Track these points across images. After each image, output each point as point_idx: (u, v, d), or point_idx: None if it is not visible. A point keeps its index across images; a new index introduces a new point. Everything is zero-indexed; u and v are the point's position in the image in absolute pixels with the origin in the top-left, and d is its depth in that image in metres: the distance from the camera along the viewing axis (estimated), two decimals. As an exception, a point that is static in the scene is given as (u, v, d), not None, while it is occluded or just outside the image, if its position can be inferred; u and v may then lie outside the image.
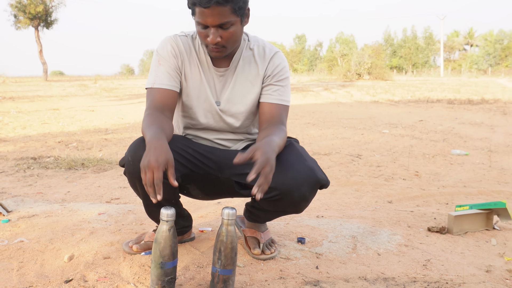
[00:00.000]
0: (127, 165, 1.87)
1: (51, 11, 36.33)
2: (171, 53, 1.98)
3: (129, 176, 1.90)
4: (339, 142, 6.90)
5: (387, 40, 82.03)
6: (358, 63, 35.00)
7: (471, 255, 2.32)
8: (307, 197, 1.87)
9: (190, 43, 2.02)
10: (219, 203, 3.25)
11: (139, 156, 1.81)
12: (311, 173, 1.85)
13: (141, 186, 1.91)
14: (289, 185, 1.83)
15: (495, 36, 72.75)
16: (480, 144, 6.83)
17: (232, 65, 2.01)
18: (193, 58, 2.01)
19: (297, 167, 1.85)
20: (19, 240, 2.29)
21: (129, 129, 8.53)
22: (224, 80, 2.03)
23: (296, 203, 1.89)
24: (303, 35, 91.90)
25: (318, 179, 1.86)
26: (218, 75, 2.02)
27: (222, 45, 1.85)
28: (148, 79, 1.99)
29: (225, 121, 2.07)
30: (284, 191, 1.84)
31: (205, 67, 2.02)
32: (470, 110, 12.50)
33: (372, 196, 3.71)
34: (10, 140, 6.88)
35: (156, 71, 1.97)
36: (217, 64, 2.01)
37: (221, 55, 1.89)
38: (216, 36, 1.81)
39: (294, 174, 1.84)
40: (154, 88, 1.95)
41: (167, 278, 1.71)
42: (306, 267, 2.08)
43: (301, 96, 18.54)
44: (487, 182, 4.33)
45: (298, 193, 1.84)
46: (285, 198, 1.86)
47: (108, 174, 4.53)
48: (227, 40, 1.84)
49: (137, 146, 1.85)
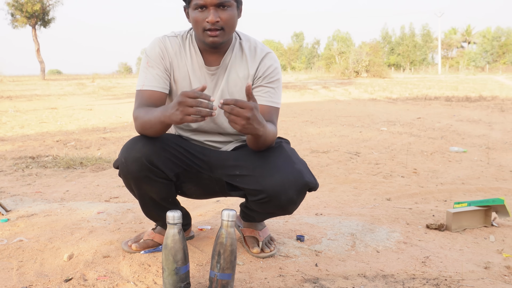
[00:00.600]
0: (121, 167, 1.87)
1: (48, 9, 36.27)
2: (159, 55, 1.97)
3: (123, 177, 1.90)
4: (338, 140, 6.91)
5: (385, 38, 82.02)
6: (356, 61, 35.01)
7: (469, 252, 2.32)
8: (294, 200, 1.87)
9: (180, 43, 2.01)
10: (218, 201, 3.25)
11: (132, 157, 1.81)
12: (298, 176, 1.84)
13: (137, 187, 1.91)
14: (277, 187, 1.82)
15: (492, 33, 72.71)
16: (478, 141, 6.84)
17: (223, 63, 2.00)
18: (183, 59, 2.00)
19: (285, 169, 1.85)
20: (19, 239, 2.29)
21: (127, 127, 8.52)
22: (216, 79, 2.01)
23: (283, 206, 1.89)
24: (300, 33, 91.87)
25: (305, 182, 1.85)
26: (210, 74, 2.00)
27: (221, 27, 1.84)
28: (137, 81, 1.99)
29: (215, 121, 2.05)
30: (271, 194, 1.84)
31: (195, 67, 2.00)
32: (468, 108, 12.51)
33: (370, 194, 3.71)
34: (8, 140, 6.87)
35: (145, 73, 1.96)
36: (208, 63, 2.00)
37: (219, 40, 1.86)
38: (215, 16, 1.81)
39: (282, 177, 1.83)
40: (143, 90, 1.94)
41: (183, 284, 1.68)
42: (306, 264, 2.08)
43: (299, 94, 18.54)
44: (485, 179, 4.33)
45: (285, 196, 1.84)
46: (273, 201, 1.86)
47: (107, 173, 4.53)
48: (226, 22, 1.84)
49: (129, 147, 1.84)
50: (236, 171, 1.94)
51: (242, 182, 1.92)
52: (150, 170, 1.83)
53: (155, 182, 1.88)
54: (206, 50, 1.98)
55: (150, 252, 2.13)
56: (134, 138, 1.88)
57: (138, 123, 1.85)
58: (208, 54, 1.99)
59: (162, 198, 1.97)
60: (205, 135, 2.09)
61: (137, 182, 1.88)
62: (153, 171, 1.84)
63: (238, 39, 2.04)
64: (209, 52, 1.98)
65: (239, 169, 1.94)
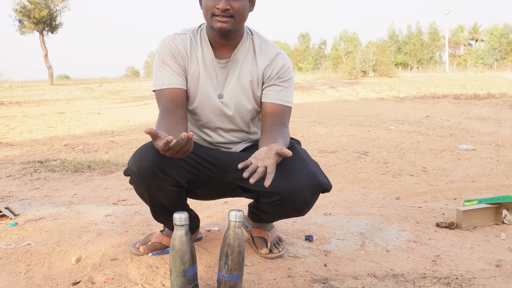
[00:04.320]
0: (133, 176, 1.84)
1: (56, 15, 36.46)
2: (172, 53, 1.97)
3: (135, 186, 1.88)
4: (346, 140, 6.88)
5: (392, 37, 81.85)
6: (363, 61, 34.94)
7: (480, 250, 2.29)
8: (309, 202, 1.85)
9: (191, 38, 2.01)
10: (226, 202, 3.24)
11: (145, 166, 1.79)
12: (313, 178, 1.82)
13: (149, 195, 1.89)
14: (291, 190, 1.81)
15: (500, 30, 72.32)
16: (488, 138, 6.78)
17: (234, 57, 2.00)
18: (194, 55, 2.00)
19: (299, 171, 1.83)
20: (27, 243, 2.29)
21: (135, 131, 8.54)
22: (226, 72, 2.01)
23: (298, 208, 1.87)
24: (307, 34, 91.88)
25: (320, 183, 1.83)
26: (220, 67, 2.00)
27: (231, 15, 1.85)
28: (154, 81, 1.98)
29: (226, 114, 2.04)
30: (286, 196, 1.82)
31: (206, 61, 2.00)
32: (476, 105, 12.43)
33: (379, 193, 3.69)
34: (17, 144, 6.91)
35: (162, 72, 1.96)
36: (219, 56, 2.00)
37: (227, 26, 1.86)
38: (226, 3, 1.82)
39: (296, 179, 1.81)
40: (163, 90, 1.94)
41: (191, 286, 1.67)
42: (315, 265, 2.06)
43: (306, 95, 18.52)
44: (495, 177, 4.29)
45: (300, 198, 1.82)
46: (287, 203, 1.85)
47: (115, 176, 4.53)
48: (236, 11, 1.85)
49: (141, 156, 1.82)
50: None
51: (255, 185, 1.90)
52: (162, 179, 1.82)
53: (167, 190, 1.87)
54: (217, 42, 1.98)
55: (158, 254, 2.12)
56: (145, 146, 1.85)
57: None
58: (219, 47, 1.99)
59: (173, 204, 1.96)
60: (216, 132, 2.08)
61: (149, 191, 1.87)
62: (165, 180, 1.83)
63: (250, 34, 2.04)
64: (219, 44, 1.98)
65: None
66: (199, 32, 2.03)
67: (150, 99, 17.61)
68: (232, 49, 2.00)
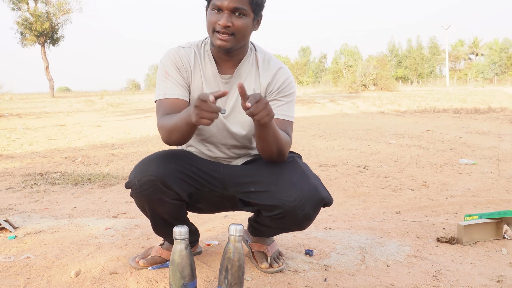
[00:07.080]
0: (135, 189, 1.84)
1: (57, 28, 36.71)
2: (177, 65, 1.97)
3: (136, 199, 1.88)
4: (346, 153, 6.88)
5: (392, 51, 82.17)
6: (364, 74, 35.05)
7: (481, 265, 2.28)
8: (310, 216, 1.85)
9: (195, 51, 2.00)
10: (226, 216, 3.23)
11: (147, 180, 1.79)
12: (314, 192, 1.83)
13: (150, 208, 1.89)
14: (293, 203, 1.80)
15: (500, 45, 72.62)
16: (488, 153, 6.78)
17: (237, 72, 2.00)
18: (197, 68, 2.00)
19: (300, 185, 1.83)
20: (26, 256, 2.28)
21: (135, 143, 8.54)
22: (229, 88, 2.01)
23: (299, 222, 1.87)
24: (307, 47, 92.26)
25: (321, 197, 1.84)
26: (224, 83, 2.00)
27: (232, 32, 1.84)
28: (157, 92, 1.97)
29: (229, 130, 2.03)
30: (287, 209, 1.82)
31: (209, 76, 2.00)
32: (477, 119, 12.44)
33: (380, 207, 3.68)
34: (17, 157, 6.91)
35: (165, 82, 1.95)
36: (222, 71, 2.00)
37: (227, 44, 1.86)
38: (228, 20, 1.81)
39: (298, 192, 1.81)
40: (164, 99, 1.93)
41: None
42: (315, 279, 2.05)
43: (307, 108, 18.55)
44: (496, 191, 4.29)
45: (301, 211, 1.82)
46: (288, 217, 1.84)
47: (115, 189, 4.53)
48: (237, 29, 1.84)
49: (143, 170, 1.82)
50: (251, 187, 1.92)
51: (257, 198, 1.90)
52: (164, 193, 1.82)
53: (168, 203, 1.86)
54: (221, 57, 1.97)
55: (158, 268, 2.11)
56: (146, 159, 1.85)
57: (164, 131, 1.82)
58: (223, 63, 1.99)
59: (174, 218, 1.96)
60: (217, 147, 2.07)
61: (151, 204, 1.87)
62: (166, 193, 1.83)
63: (254, 50, 2.05)
64: (223, 60, 1.98)
65: (254, 185, 1.92)
66: (203, 46, 2.02)
67: (151, 112, 17.65)
68: (236, 65, 2.00)
